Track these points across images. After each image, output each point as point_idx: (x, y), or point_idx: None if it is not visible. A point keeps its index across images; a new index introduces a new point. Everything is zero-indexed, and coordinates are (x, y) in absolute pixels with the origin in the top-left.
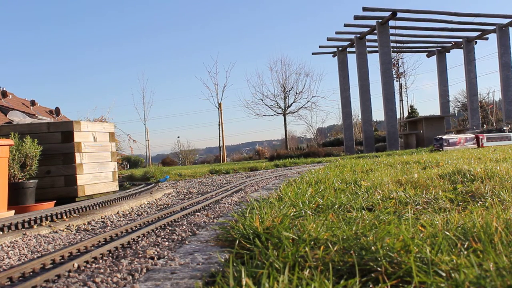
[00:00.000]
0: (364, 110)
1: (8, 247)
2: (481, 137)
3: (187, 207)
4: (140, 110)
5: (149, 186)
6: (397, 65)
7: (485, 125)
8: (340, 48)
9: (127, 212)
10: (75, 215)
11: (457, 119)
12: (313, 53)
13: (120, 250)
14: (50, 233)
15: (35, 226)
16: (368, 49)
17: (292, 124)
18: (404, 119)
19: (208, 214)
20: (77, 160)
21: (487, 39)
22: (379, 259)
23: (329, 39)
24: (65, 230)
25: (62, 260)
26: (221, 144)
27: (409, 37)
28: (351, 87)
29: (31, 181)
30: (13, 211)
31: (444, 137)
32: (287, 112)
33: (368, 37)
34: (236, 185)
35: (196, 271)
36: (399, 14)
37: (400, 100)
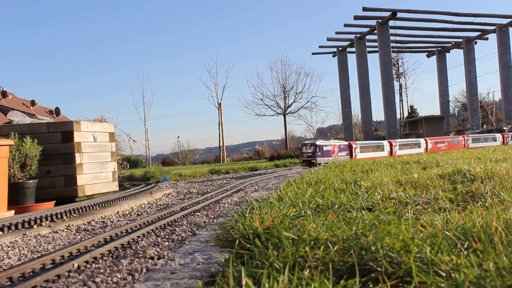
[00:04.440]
0: (364, 110)
1: (8, 247)
2: (354, 146)
3: (187, 207)
4: (140, 110)
5: (149, 186)
6: (397, 65)
7: (485, 125)
8: (340, 48)
9: (127, 212)
10: (75, 215)
11: (457, 119)
12: (313, 53)
13: (120, 250)
14: (50, 233)
15: (35, 226)
16: (368, 49)
17: (292, 124)
18: (404, 119)
19: (208, 214)
20: (77, 160)
21: (487, 39)
22: (379, 259)
23: (329, 39)
24: (65, 230)
25: (62, 260)
26: (221, 144)
27: (409, 37)
28: (351, 87)
29: (31, 181)
30: (13, 211)
31: (318, 143)
32: (287, 112)
33: (368, 37)
34: (236, 185)
35: (196, 271)
36: (399, 14)
37: (400, 100)
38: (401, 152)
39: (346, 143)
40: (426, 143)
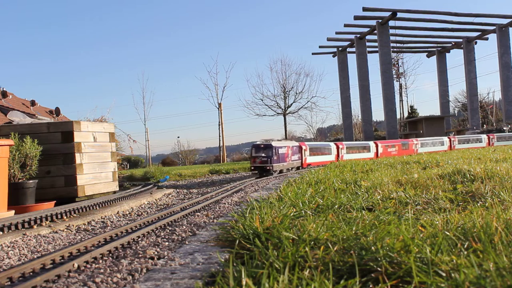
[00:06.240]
0: (364, 110)
1: (8, 247)
2: (304, 147)
3: (187, 207)
4: (140, 110)
5: (149, 186)
6: (397, 65)
7: (485, 125)
8: (340, 48)
9: (127, 212)
10: (75, 215)
11: (457, 119)
12: (313, 53)
13: (120, 250)
14: (50, 233)
15: (35, 226)
16: (368, 49)
17: (292, 124)
18: (404, 119)
19: (208, 214)
20: (77, 160)
21: (487, 39)
22: (379, 259)
23: (329, 39)
24: (65, 230)
25: (62, 260)
26: (221, 144)
27: (409, 37)
28: (351, 87)
29: (31, 181)
30: (13, 211)
31: (274, 144)
32: (287, 112)
33: (368, 37)
34: (236, 185)
35: (196, 271)
36: (399, 14)
37: (400, 100)
38: (348, 156)
39: (297, 144)
40: (377, 147)
